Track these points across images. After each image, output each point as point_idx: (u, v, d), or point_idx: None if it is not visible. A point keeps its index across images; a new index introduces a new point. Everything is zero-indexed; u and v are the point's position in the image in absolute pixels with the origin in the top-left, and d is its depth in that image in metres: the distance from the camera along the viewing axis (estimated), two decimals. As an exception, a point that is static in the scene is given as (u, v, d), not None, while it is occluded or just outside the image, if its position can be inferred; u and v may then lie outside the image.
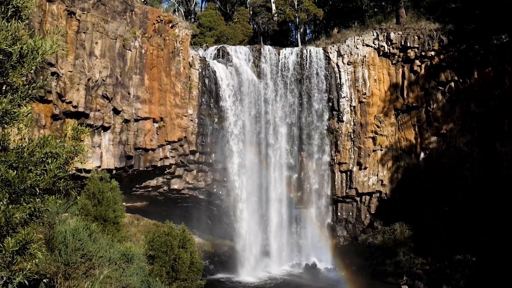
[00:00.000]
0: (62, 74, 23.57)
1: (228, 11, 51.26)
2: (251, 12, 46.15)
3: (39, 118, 22.61)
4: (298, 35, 42.64)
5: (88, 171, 23.19)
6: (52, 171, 4.28)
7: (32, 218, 4.26)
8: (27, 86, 4.55)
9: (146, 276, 12.70)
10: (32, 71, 4.43)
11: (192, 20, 47.26)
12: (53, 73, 23.17)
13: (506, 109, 29.52)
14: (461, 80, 31.29)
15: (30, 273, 4.17)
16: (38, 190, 4.27)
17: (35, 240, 4.14)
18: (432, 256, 28.03)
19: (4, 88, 4.59)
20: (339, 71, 32.39)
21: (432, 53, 31.61)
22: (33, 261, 4.16)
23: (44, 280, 6.59)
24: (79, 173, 24.82)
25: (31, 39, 4.41)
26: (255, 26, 46.84)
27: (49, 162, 4.33)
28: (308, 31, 48.70)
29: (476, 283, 24.66)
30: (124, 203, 22.20)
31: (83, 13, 24.70)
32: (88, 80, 24.81)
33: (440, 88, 31.85)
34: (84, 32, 24.75)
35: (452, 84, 31.56)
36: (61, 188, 4.80)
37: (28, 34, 4.62)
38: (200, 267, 18.15)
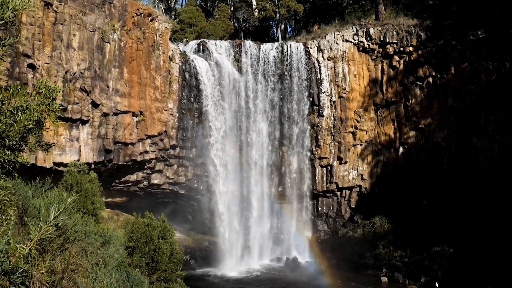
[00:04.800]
0: (39, 66, 23.17)
1: (208, 7, 51.10)
2: (231, 9, 46.09)
3: (15, 110, 22.16)
4: (279, 32, 42.70)
5: (66, 165, 22.82)
6: (22, 121, 4.18)
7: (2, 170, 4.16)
8: (-3, 41, 4.46)
9: (125, 267, 12.52)
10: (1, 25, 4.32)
11: (173, 17, 46.94)
12: (29, 65, 22.76)
13: (482, 104, 30.05)
14: (438, 76, 31.75)
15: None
16: (7, 141, 4.17)
17: (3, 186, 4.04)
18: (410, 248, 28.38)
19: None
20: (319, 66, 32.56)
21: (411, 48, 32.02)
22: (8, 212, 4.05)
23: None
24: (57, 167, 24.46)
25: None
26: (236, 23, 46.79)
27: (19, 115, 4.23)
28: (289, 29, 48.85)
29: (453, 273, 25.11)
30: (103, 198, 21.89)
31: (60, 5, 24.32)
32: (66, 72, 24.43)
33: (418, 83, 32.28)
34: (61, 24, 24.36)
35: (430, 79, 32.01)
36: (32, 148, 4.71)
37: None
38: (180, 258, 17.98)
